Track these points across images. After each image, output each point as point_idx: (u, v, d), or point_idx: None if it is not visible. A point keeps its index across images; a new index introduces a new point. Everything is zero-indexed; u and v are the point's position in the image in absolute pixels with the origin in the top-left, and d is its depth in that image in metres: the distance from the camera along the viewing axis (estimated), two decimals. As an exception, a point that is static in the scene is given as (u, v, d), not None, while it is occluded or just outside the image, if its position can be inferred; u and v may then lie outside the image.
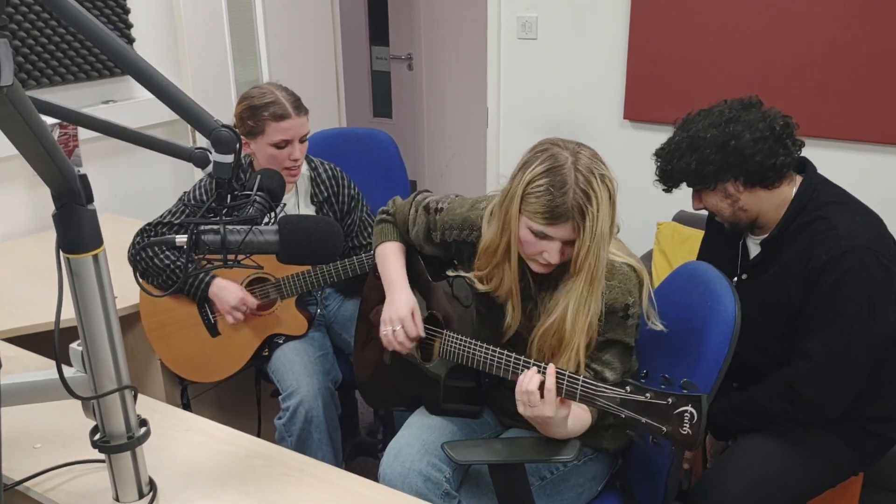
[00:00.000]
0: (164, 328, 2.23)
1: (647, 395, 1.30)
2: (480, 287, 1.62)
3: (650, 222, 2.80)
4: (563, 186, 1.41)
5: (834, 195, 1.71)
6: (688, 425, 1.26)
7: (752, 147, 1.64)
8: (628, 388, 1.32)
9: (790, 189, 1.72)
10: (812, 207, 1.69)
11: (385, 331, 1.71)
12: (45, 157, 0.91)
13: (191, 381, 2.30)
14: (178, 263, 2.13)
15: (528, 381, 1.40)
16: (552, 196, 1.41)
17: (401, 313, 1.69)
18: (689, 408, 1.26)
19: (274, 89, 2.13)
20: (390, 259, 1.82)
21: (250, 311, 2.17)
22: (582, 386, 1.38)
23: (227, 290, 2.14)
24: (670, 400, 1.28)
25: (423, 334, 1.71)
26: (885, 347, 1.66)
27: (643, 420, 1.30)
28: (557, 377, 1.39)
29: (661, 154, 1.77)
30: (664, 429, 1.28)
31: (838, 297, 1.60)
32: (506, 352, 1.54)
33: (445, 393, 1.71)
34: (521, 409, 1.42)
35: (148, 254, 2.14)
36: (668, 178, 1.76)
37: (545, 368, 1.42)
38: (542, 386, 1.40)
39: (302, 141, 2.15)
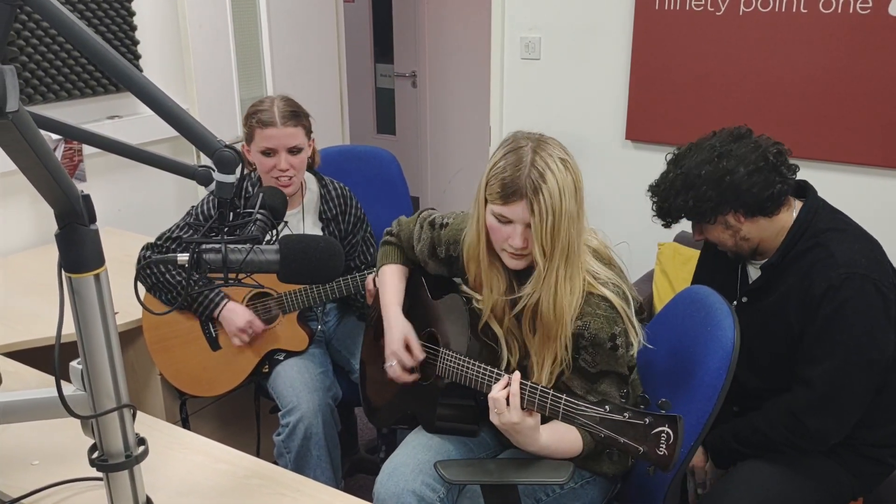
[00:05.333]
0: (166, 341, 2.23)
1: (626, 414, 1.29)
2: (476, 300, 1.63)
3: (651, 242, 2.80)
4: (518, 164, 1.45)
5: (833, 221, 1.71)
6: (664, 446, 1.25)
7: (747, 180, 1.64)
8: (607, 406, 1.32)
9: (789, 214, 1.72)
10: (811, 234, 1.69)
11: (387, 367, 1.76)
12: (48, 180, 0.91)
13: (191, 395, 2.30)
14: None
15: (494, 389, 1.43)
16: (506, 174, 1.45)
17: (393, 347, 1.74)
18: (665, 428, 1.25)
19: (274, 98, 2.15)
20: (387, 284, 1.85)
21: (255, 334, 2.18)
22: (564, 404, 1.38)
23: (236, 314, 2.15)
24: (647, 420, 1.27)
25: (416, 362, 1.73)
26: (884, 373, 1.65)
27: (621, 440, 1.29)
28: (523, 387, 1.42)
29: (656, 191, 1.77)
30: (641, 449, 1.27)
31: (838, 325, 1.60)
32: (496, 370, 1.55)
33: (441, 411, 1.71)
34: (492, 417, 1.45)
35: (159, 269, 2.14)
36: (667, 214, 1.76)
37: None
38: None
39: (293, 153, 2.13)
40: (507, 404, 1.41)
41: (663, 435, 1.25)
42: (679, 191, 1.70)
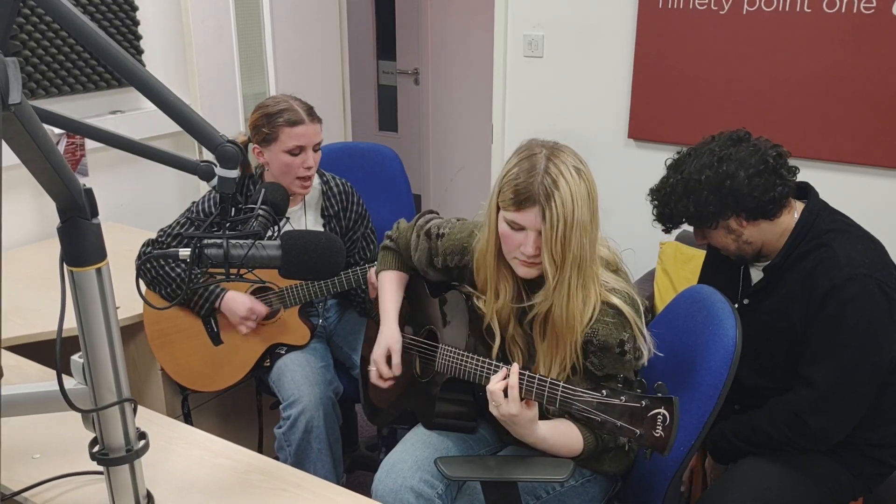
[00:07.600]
0: (167, 336, 2.24)
1: (623, 398, 1.30)
2: (476, 297, 1.64)
3: (653, 241, 2.80)
4: (532, 170, 1.43)
5: (835, 222, 1.71)
6: (660, 427, 1.26)
7: (748, 185, 1.64)
8: (604, 391, 1.33)
9: (791, 216, 1.72)
10: (813, 235, 1.69)
11: (369, 369, 1.79)
12: (51, 173, 0.91)
13: (192, 390, 2.30)
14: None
15: (493, 380, 1.43)
16: (520, 180, 1.44)
17: (375, 356, 1.76)
18: (661, 410, 1.26)
19: (287, 98, 2.15)
20: (385, 292, 1.85)
21: (259, 320, 2.18)
22: (563, 391, 1.38)
23: (237, 303, 2.15)
24: (644, 402, 1.28)
25: (392, 375, 1.75)
26: (886, 373, 1.65)
27: (618, 423, 1.30)
28: (521, 376, 1.41)
29: (657, 196, 1.77)
30: (638, 431, 1.28)
31: (841, 325, 1.60)
32: (493, 362, 1.55)
33: (439, 406, 1.71)
34: (491, 408, 1.45)
35: (158, 263, 2.15)
36: (668, 219, 1.76)
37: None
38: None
39: (315, 150, 2.15)
40: (506, 396, 1.41)
41: (659, 417, 1.26)
42: (680, 196, 1.70)
